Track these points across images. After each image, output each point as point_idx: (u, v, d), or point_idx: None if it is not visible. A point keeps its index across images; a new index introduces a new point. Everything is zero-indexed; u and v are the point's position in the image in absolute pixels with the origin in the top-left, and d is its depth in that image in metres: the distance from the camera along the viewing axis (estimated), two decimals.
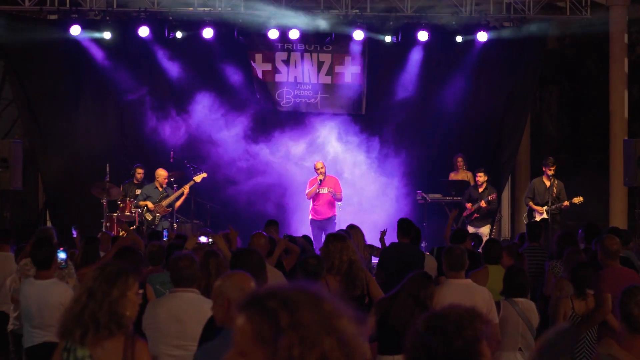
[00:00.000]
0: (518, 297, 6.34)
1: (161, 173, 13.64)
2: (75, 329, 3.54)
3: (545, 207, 13.55)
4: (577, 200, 13.36)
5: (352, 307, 1.87)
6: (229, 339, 3.68)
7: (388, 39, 15.27)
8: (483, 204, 13.86)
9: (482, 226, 14.03)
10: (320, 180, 13.65)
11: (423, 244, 13.56)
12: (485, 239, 11.40)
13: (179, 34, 14.97)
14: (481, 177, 14.07)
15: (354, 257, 6.31)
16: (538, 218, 13.44)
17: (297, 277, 6.99)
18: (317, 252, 9.80)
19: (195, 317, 4.87)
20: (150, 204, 13.40)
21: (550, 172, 13.59)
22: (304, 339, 1.76)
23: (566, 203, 13.33)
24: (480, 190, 14.12)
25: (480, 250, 9.26)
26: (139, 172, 14.07)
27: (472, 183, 14.76)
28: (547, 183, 13.67)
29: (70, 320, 3.57)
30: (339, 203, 13.98)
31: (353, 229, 9.29)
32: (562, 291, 6.89)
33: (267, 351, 1.78)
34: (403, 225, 8.99)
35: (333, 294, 6.07)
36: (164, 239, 10.21)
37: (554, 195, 13.51)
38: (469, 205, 14.06)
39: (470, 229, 13.50)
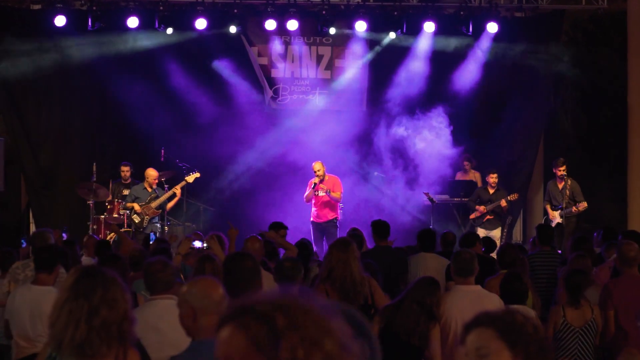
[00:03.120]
0: (515, 303, 6.34)
1: (151, 173, 13.63)
2: (101, 346, 3.43)
3: (558, 212, 13.55)
4: (582, 206, 13.37)
5: (337, 313, 1.88)
6: (197, 351, 3.70)
7: (392, 34, 15.24)
8: (503, 203, 13.86)
9: (494, 229, 14.03)
10: (315, 184, 13.61)
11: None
12: (497, 242, 11.39)
13: (167, 26, 14.91)
14: (492, 179, 14.10)
15: (337, 265, 6.28)
16: (553, 224, 13.45)
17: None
18: (317, 255, 9.86)
19: (175, 325, 4.86)
20: (137, 206, 13.38)
21: (560, 174, 13.60)
22: (305, 339, 1.77)
23: (574, 209, 13.34)
24: (492, 191, 14.13)
25: (494, 255, 9.26)
26: (124, 170, 14.05)
27: (479, 184, 14.76)
28: (560, 185, 13.67)
29: (91, 336, 3.43)
30: (340, 204, 13.97)
31: (354, 232, 9.30)
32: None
33: (264, 358, 1.78)
34: (378, 227, 8.94)
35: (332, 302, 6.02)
36: (151, 242, 10.23)
37: (567, 197, 13.49)
38: (481, 207, 14.05)
39: (481, 232, 13.50)
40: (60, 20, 14.68)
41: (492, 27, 15.13)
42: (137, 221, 13.38)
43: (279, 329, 1.78)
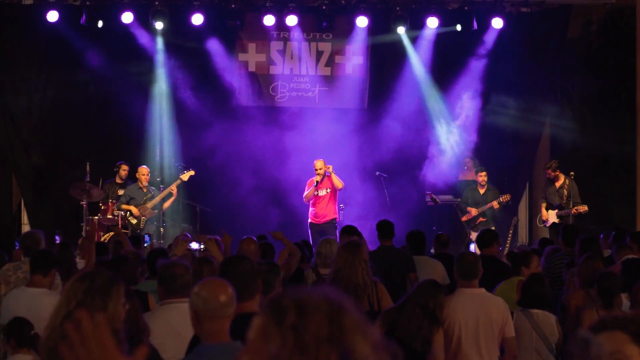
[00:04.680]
0: (535, 308, 6.36)
1: (142, 170, 13.62)
2: None
3: (554, 212, 13.55)
4: (582, 209, 13.33)
5: (378, 334, 1.93)
6: (201, 355, 3.73)
7: (401, 29, 15.23)
8: (495, 204, 13.82)
9: None
10: (317, 182, 13.63)
11: (432, 251, 13.57)
12: None
13: (161, 20, 14.87)
14: (481, 177, 14.08)
15: (343, 267, 6.30)
16: (549, 223, 13.48)
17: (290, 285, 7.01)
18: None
19: None
20: (134, 209, 13.36)
21: (550, 176, 13.63)
22: (299, 343, 1.84)
23: (574, 210, 13.32)
24: (482, 191, 14.10)
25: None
26: (124, 169, 14.05)
27: None
28: (557, 184, 13.66)
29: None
30: (341, 205, 13.99)
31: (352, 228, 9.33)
32: (580, 302, 6.91)
33: (268, 349, 1.87)
34: (382, 227, 9.03)
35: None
36: (146, 245, 10.24)
37: (565, 198, 13.49)
38: (472, 209, 14.02)
39: (474, 236, 13.49)
40: (52, 16, 14.69)
41: (497, 23, 15.14)
42: (134, 223, 13.37)
43: (284, 325, 1.86)
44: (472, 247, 11.93)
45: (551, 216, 13.58)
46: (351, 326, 1.87)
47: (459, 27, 15.24)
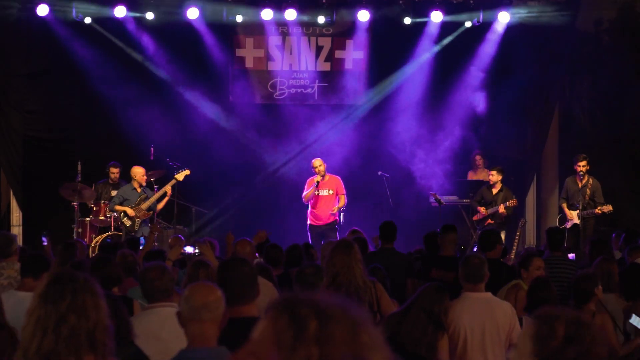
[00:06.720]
0: None
1: (137, 170, 13.54)
2: (69, 356, 3.43)
3: (576, 212, 13.43)
4: (607, 209, 13.22)
5: (388, 345, 1.91)
6: (184, 359, 3.75)
7: (408, 19, 15.20)
8: (502, 209, 13.72)
9: None
10: (317, 182, 13.61)
11: None
12: None
13: (155, 15, 14.87)
14: (494, 177, 13.85)
15: (341, 271, 6.30)
16: (569, 224, 13.40)
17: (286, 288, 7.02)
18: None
19: (177, 334, 4.86)
20: (129, 210, 13.32)
21: (580, 169, 13.44)
22: (325, 356, 1.79)
23: (597, 211, 13.22)
24: (495, 191, 13.98)
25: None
26: (113, 172, 14.02)
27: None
28: (580, 183, 13.56)
29: (59, 346, 3.44)
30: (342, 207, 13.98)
31: (355, 234, 9.34)
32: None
33: (279, 356, 1.81)
34: (385, 228, 9.05)
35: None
36: (141, 247, 10.21)
37: (587, 197, 13.38)
38: (481, 209, 13.96)
39: None
40: (42, 10, 14.67)
41: (503, 17, 15.13)
42: (128, 224, 13.33)
43: (305, 337, 1.82)
44: None
45: (574, 217, 13.42)
46: (370, 342, 1.84)
47: (468, 24, 15.23)
